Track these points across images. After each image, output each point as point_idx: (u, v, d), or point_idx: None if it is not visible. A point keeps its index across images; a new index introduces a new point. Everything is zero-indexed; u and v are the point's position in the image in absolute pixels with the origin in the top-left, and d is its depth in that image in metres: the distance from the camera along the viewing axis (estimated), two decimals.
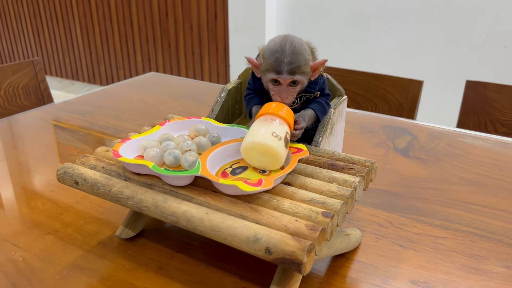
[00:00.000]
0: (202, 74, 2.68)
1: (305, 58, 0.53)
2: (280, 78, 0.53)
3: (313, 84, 0.58)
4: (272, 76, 0.53)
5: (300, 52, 0.52)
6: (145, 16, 2.76)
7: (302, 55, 0.52)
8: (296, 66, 0.52)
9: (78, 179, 0.51)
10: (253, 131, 0.50)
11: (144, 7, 2.74)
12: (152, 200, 0.46)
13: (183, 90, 1.16)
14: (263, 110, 0.52)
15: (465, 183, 0.71)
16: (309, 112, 0.57)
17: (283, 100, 0.53)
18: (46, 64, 3.34)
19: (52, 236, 0.58)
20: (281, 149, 0.48)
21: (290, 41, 0.52)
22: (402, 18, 2.03)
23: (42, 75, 1.43)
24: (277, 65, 0.52)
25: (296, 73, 0.52)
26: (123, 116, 0.98)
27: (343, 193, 0.47)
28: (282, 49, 0.52)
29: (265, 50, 0.54)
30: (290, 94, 0.54)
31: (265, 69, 0.54)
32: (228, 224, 0.42)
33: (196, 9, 2.56)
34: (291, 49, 0.52)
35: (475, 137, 0.87)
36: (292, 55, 0.52)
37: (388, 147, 0.84)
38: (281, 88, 0.53)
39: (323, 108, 0.59)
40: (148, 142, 0.54)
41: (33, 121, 0.97)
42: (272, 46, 0.53)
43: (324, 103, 0.59)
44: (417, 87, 1.20)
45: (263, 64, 0.54)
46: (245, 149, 0.49)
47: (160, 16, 2.71)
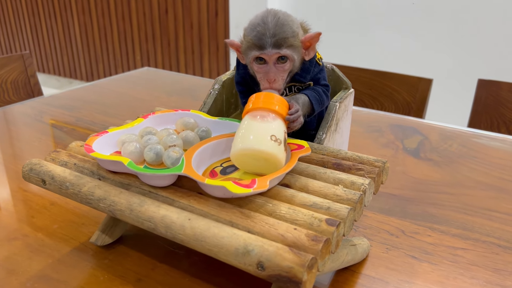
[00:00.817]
0: (202, 73, 2.61)
1: (293, 29, 0.44)
2: (264, 55, 0.44)
3: (304, 72, 0.49)
4: (254, 54, 0.44)
5: (285, 23, 0.44)
6: (144, 13, 2.70)
7: (288, 26, 0.44)
8: (281, 38, 0.44)
9: (45, 177, 0.45)
10: (244, 133, 0.41)
11: (144, 4, 2.68)
12: (127, 202, 0.40)
13: (178, 86, 1.09)
14: (252, 103, 0.43)
15: (483, 188, 0.64)
16: (302, 97, 0.48)
17: (270, 84, 0.45)
18: (44, 63, 3.28)
19: (19, 241, 0.52)
20: (281, 155, 0.41)
21: (274, 13, 0.45)
22: (411, 14, 1.97)
23: (32, 69, 1.36)
24: (259, 39, 0.44)
25: (282, 45, 0.44)
26: (112, 111, 0.92)
27: (351, 197, 0.40)
28: (264, 22, 0.44)
29: (246, 28, 0.46)
30: (279, 75, 0.45)
31: (246, 47, 0.45)
32: (213, 232, 0.35)
33: (197, 6, 2.49)
34: (275, 21, 0.44)
35: (491, 138, 0.81)
36: (276, 26, 0.44)
37: (397, 147, 0.77)
38: (267, 68, 0.45)
39: (320, 97, 0.49)
40: (127, 136, 0.47)
41: (14, 115, 0.90)
42: (254, 20, 0.45)
43: (321, 91, 0.50)
44: (426, 85, 1.13)
45: (244, 42, 0.46)
46: (237, 155, 0.41)
47: (160, 13, 2.64)
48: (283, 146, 0.41)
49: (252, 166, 0.42)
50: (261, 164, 0.41)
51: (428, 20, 1.94)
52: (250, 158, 0.41)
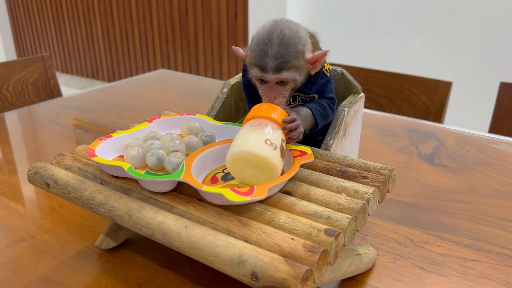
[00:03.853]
0: (221, 74, 2.62)
1: (297, 49, 0.43)
2: (265, 77, 0.43)
3: (309, 84, 0.48)
4: (256, 74, 0.44)
5: (291, 42, 0.42)
6: (165, 15, 2.73)
7: (293, 46, 0.43)
8: (282, 62, 0.42)
9: (49, 180, 0.45)
10: (240, 138, 0.41)
11: (164, 6, 2.70)
12: (126, 208, 0.39)
13: (192, 88, 1.09)
14: (252, 113, 0.43)
15: (499, 196, 0.62)
16: (305, 110, 0.47)
17: (271, 101, 0.44)
18: (68, 64, 3.35)
19: (26, 243, 0.52)
20: (276, 160, 0.39)
21: (281, 27, 0.43)
22: (431, 15, 1.93)
23: (52, 71, 1.39)
24: (261, 59, 0.43)
25: (283, 70, 0.43)
26: (125, 113, 0.92)
27: (353, 206, 0.39)
28: (269, 38, 0.42)
29: (253, 38, 0.45)
30: (280, 94, 0.44)
31: (250, 63, 0.45)
32: (209, 240, 0.34)
33: (216, 8, 2.50)
34: (279, 39, 0.42)
35: (510, 144, 0.78)
36: (280, 46, 0.42)
37: (412, 153, 0.75)
38: (269, 87, 0.44)
39: (324, 111, 0.48)
40: (130, 140, 0.47)
41: (30, 117, 0.92)
42: (260, 33, 0.44)
43: (326, 105, 0.48)
44: (445, 88, 1.10)
45: (249, 55, 0.45)
46: (232, 161, 0.40)
47: (180, 15, 2.66)
48: (279, 152, 0.40)
49: (248, 174, 0.41)
50: (257, 171, 0.40)
51: (449, 21, 1.90)
52: (245, 165, 0.40)
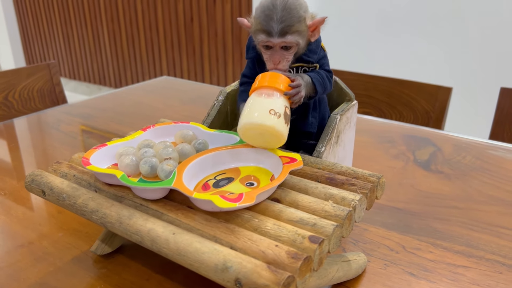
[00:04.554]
0: (226, 80, 2.63)
1: (300, 14, 0.47)
2: (270, 42, 0.47)
3: (311, 53, 0.51)
4: (262, 39, 0.47)
5: (294, 7, 0.46)
6: (170, 22, 2.75)
7: (296, 11, 0.46)
8: (287, 25, 0.46)
9: (45, 188, 0.46)
10: (247, 110, 0.45)
11: (170, 13, 2.73)
12: (117, 215, 0.40)
13: (193, 94, 1.11)
14: (258, 83, 0.46)
15: (494, 203, 0.62)
16: (306, 77, 0.49)
17: (275, 65, 0.48)
18: (75, 70, 3.39)
19: (25, 249, 0.53)
20: (281, 127, 0.44)
21: None
22: (432, 21, 1.93)
23: (57, 78, 1.41)
24: (266, 24, 0.46)
25: (287, 33, 0.46)
26: (126, 120, 0.94)
27: (339, 214, 0.40)
28: (273, 4, 0.46)
29: (257, 8, 0.48)
30: (284, 58, 0.48)
31: (255, 29, 0.48)
32: (195, 247, 0.35)
33: (221, 15, 2.52)
34: (283, 4, 0.46)
35: (508, 150, 0.78)
36: (284, 11, 0.46)
37: (408, 159, 0.76)
38: (273, 51, 0.48)
39: (323, 81, 0.51)
40: (124, 149, 0.48)
41: (33, 124, 0.94)
42: (264, 1, 0.47)
43: (324, 76, 0.51)
44: (445, 94, 1.10)
45: (254, 23, 0.48)
46: (242, 132, 0.45)
47: (185, 21, 2.69)
48: (283, 119, 0.45)
49: (258, 140, 0.46)
50: (265, 137, 0.45)
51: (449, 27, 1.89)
52: (254, 132, 0.45)
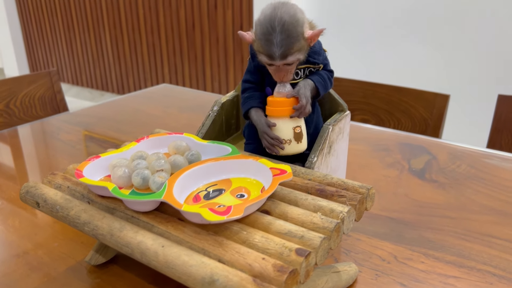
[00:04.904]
0: (228, 85, 2.65)
1: (297, 33, 0.49)
2: (273, 63, 0.50)
3: (316, 55, 0.54)
4: (265, 61, 0.50)
5: (291, 28, 0.48)
6: (172, 28, 2.77)
7: (293, 31, 0.48)
8: (287, 49, 0.48)
9: (39, 199, 0.47)
10: None
11: (172, 19, 2.75)
12: (108, 227, 0.41)
13: (192, 102, 1.11)
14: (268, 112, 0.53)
15: (487, 212, 0.62)
16: (309, 82, 0.53)
17: (281, 79, 0.51)
18: (78, 75, 3.41)
19: (20, 259, 0.54)
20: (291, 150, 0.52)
21: (280, 15, 0.48)
22: (430, 27, 1.93)
23: (58, 85, 1.42)
24: (268, 49, 0.49)
25: (288, 55, 0.49)
26: (124, 128, 0.95)
27: (327, 226, 0.40)
28: (272, 27, 0.48)
29: (256, 25, 0.50)
30: (288, 72, 0.51)
31: (258, 49, 0.51)
32: (183, 260, 0.36)
33: (222, 21, 2.54)
34: (281, 25, 0.48)
35: (503, 159, 0.78)
36: (282, 33, 0.48)
37: (403, 167, 0.76)
38: (277, 69, 0.51)
39: (324, 82, 0.54)
40: (118, 160, 0.49)
41: (33, 133, 0.95)
42: (263, 20, 0.49)
43: (325, 77, 0.55)
44: (443, 101, 1.11)
45: (256, 41, 0.51)
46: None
47: (187, 28, 2.70)
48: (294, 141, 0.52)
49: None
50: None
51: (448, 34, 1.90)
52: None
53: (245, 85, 0.57)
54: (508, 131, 1.09)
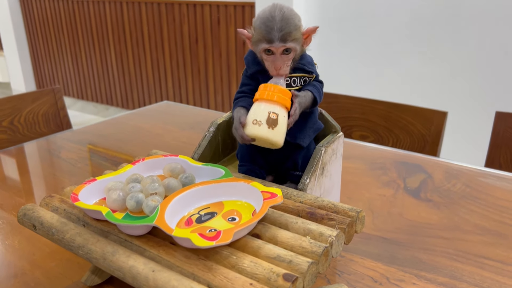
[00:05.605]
0: (230, 99, 2.67)
1: (296, 23, 0.52)
2: (273, 47, 0.52)
3: (310, 65, 0.57)
4: (264, 46, 0.52)
5: (290, 18, 0.52)
6: (176, 43, 2.81)
7: (292, 20, 0.52)
8: (287, 32, 0.51)
9: (35, 222, 0.48)
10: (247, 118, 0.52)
11: (175, 34, 2.78)
12: (101, 251, 0.42)
13: (192, 120, 1.13)
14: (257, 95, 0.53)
15: (480, 232, 0.63)
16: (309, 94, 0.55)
17: (277, 71, 0.53)
18: (83, 90, 3.45)
19: (18, 279, 0.55)
20: (261, 132, 0.50)
21: (280, 7, 0.52)
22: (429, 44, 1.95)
23: (62, 102, 1.45)
24: (268, 33, 0.51)
25: (287, 40, 0.51)
26: (125, 147, 0.96)
27: (315, 250, 0.41)
28: (272, 16, 0.51)
29: (255, 20, 0.53)
30: (284, 63, 0.53)
31: (257, 39, 0.53)
32: (173, 285, 0.37)
33: (225, 36, 2.57)
34: (281, 15, 0.51)
35: (498, 177, 0.79)
36: (282, 21, 0.51)
37: (398, 186, 0.77)
38: (275, 58, 0.52)
39: (319, 93, 0.56)
40: (113, 183, 0.50)
41: (36, 151, 0.96)
42: (262, 14, 0.52)
43: (319, 87, 0.57)
44: (441, 118, 1.12)
45: (255, 34, 0.53)
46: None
47: (191, 42, 2.74)
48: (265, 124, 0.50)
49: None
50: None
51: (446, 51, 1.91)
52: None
53: (238, 95, 0.59)
54: (506, 147, 1.09)
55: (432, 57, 1.97)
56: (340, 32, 2.16)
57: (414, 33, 1.98)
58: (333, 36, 2.18)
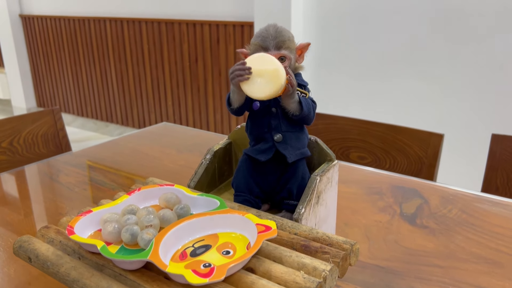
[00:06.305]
0: (229, 117, 2.68)
1: (289, 35, 0.56)
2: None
3: (303, 82, 0.58)
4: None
5: (284, 30, 0.56)
6: (176, 61, 2.83)
7: (286, 32, 0.56)
8: (281, 40, 0.55)
9: (31, 255, 0.48)
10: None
11: (175, 53, 2.81)
12: (96, 286, 0.42)
13: (190, 142, 1.14)
14: None
15: (475, 260, 0.63)
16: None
17: None
18: (84, 107, 3.47)
19: None
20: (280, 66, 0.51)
21: (274, 23, 0.57)
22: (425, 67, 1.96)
23: (61, 123, 1.46)
24: (263, 42, 0.55)
25: (282, 47, 0.55)
26: (123, 171, 0.97)
27: (308, 286, 0.41)
28: (266, 29, 0.56)
29: (253, 38, 0.57)
30: None
31: (254, 49, 0.56)
32: None
33: (224, 55, 2.59)
34: (275, 28, 0.56)
35: (494, 203, 0.79)
36: (277, 32, 0.55)
37: (394, 212, 0.77)
38: None
39: (308, 105, 0.56)
40: (109, 215, 0.50)
41: (35, 175, 0.97)
42: (258, 32, 0.57)
43: (310, 102, 0.57)
44: (437, 140, 1.12)
45: (251, 48, 0.57)
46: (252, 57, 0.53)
47: (190, 61, 2.76)
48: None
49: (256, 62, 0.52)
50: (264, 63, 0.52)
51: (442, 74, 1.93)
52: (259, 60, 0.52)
53: None
54: (503, 169, 1.10)
55: (428, 78, 1.98)
56: (338, 52, 2.19)
57: (411, 54, 2.00)
58: (331, 56, 2.20)
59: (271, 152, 0.57)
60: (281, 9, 2.17)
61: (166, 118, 3.01)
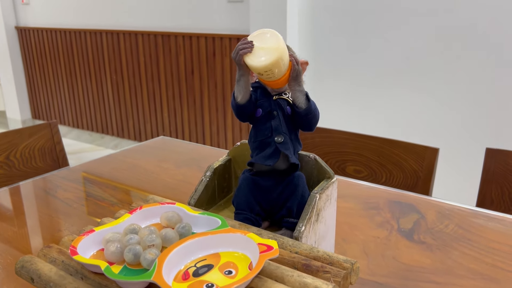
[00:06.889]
0: (225, 129, 2.69)
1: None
2: None
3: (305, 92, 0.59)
4: None
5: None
6: (172, 74, 2.84)
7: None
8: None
9: (33, 275, 0.48)
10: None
11: (171, 65, 2.83)
12: None
13: (188, 156, 1.14)
14: None
15: (472, 276, 0.64)
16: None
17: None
18: (79, 118, 3.46)
19: None
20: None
21: None
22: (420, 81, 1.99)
23: (58, 137, 1.46)
24: None
25: None
26: (121, 186, 0.97)
27: None
28: None
29: None
30: None
31: None
32: None
33: (220, 67, 2.61)
34: None
35: (489, 218, 0.80)
36: None
37: (392, 227, 0.78)
38: None
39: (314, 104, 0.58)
40: (111, 235, 0.51)
41: (32, 190, 0.97)
42: None
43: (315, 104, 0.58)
44: (432, 154, 1.14)
45: None
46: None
47: (186, 73, 2.78)
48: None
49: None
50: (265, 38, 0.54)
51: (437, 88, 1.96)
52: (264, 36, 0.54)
53: None
54: (497, 183, 1.11)
55: (423, 91, 2.01)
56: (333, 66, 2.21)
57: (406, 70, 2.02)
58: (326, 70, 2.23)
59: (277, 155, 0.58)
60: (276, 22, 2.20)
61: (162, 130, 3.02)
